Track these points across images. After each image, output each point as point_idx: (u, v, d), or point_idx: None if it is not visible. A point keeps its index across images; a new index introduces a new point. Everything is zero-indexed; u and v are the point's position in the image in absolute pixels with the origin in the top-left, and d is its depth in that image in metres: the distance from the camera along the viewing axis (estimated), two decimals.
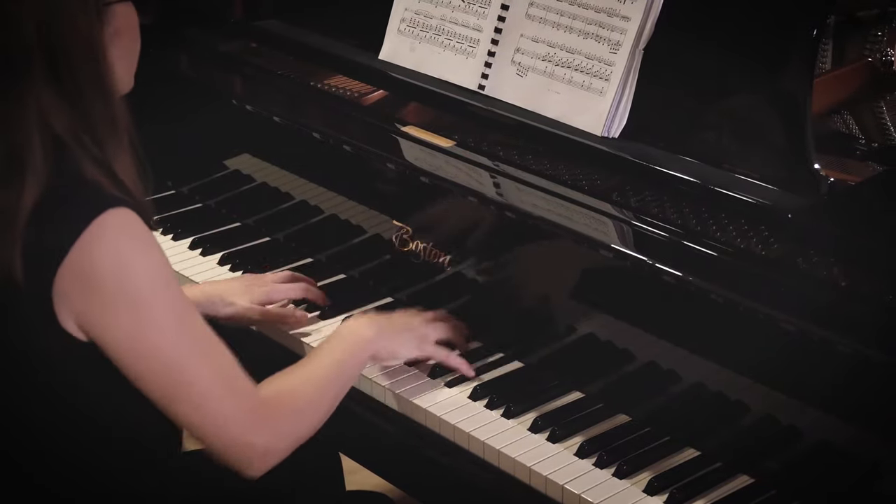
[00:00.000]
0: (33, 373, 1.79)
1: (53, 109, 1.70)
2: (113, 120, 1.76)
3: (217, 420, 1.80)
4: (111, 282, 1.71)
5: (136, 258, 1.73)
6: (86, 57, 1.72)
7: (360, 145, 2.47)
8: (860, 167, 2.26)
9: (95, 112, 1.74)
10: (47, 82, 1.70)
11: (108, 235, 1.70)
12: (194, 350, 1.78)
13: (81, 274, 1.70)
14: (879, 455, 1.82)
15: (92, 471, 1.86)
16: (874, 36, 2.34)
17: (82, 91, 1.72)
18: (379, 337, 2.10)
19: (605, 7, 2.29)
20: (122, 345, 1.74)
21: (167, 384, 1.77)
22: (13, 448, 1.84)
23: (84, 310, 1.72)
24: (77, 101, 1.72)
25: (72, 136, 1.71)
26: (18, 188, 1.68)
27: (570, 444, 2.03)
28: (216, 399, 1.80)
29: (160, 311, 1.75)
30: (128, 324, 1.73)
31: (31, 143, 1.69)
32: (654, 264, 2.02)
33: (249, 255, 2.58)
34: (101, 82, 1.74)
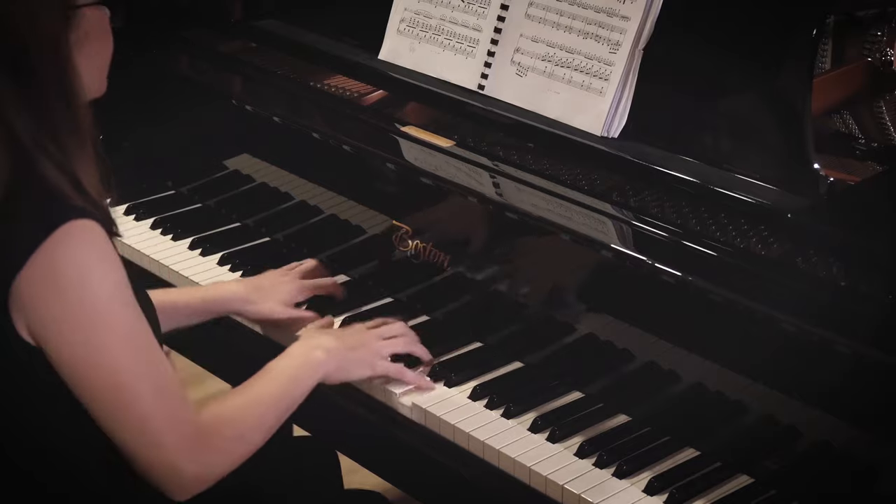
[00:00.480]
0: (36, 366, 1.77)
1: (15, 112, 1.68)
2: (76, 125, 1.73)
3: (151, 443, 1.77)
4: (68, 293, 1.69)
5: (95, 273, 1.71)
6: (49, 60, 1.69)
7: (360, 145, 2.47)
8: (860, 167, 2.26)
9: (58, 117, 1.71)
10: (9, 85, 1.67)
11: (69, 246, 1.68)
12: (141, 371, 1.75)
13: (39, 283, 1.68)
14: (879, 455, 1.82)
15: (90, 470, 1.85)
16: (873, 36, 2.34)
17: (45, 95, 1.69)
18: (330, 358, 2.06)
19: (604, 7, 2.30)
20: (71, 357, 1.72)
21: (108, 401, 1.75)
22: (13, 445, 1.84)
23: (38, 319, 1.70)
24: (39, 105, 1.69)
25: (33, 141, 1.69)
26: None
27: (570, 444, 2.03)
28: (155, 423, 1.76)
29: (113, 329, 1.73)
30: (79, 337, 1.71)
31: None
32: (654, 264, 2.02)
33: (249, 255, 2.58)
34: (65, 86, 1.71)
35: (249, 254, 2.58)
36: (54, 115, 1.70)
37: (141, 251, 2.59)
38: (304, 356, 2.04)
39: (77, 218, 1.68)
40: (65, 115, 1.71)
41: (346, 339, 2.14)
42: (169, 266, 2.55)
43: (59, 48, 1.70)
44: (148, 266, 2.57)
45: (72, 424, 1.80)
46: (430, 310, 2.35)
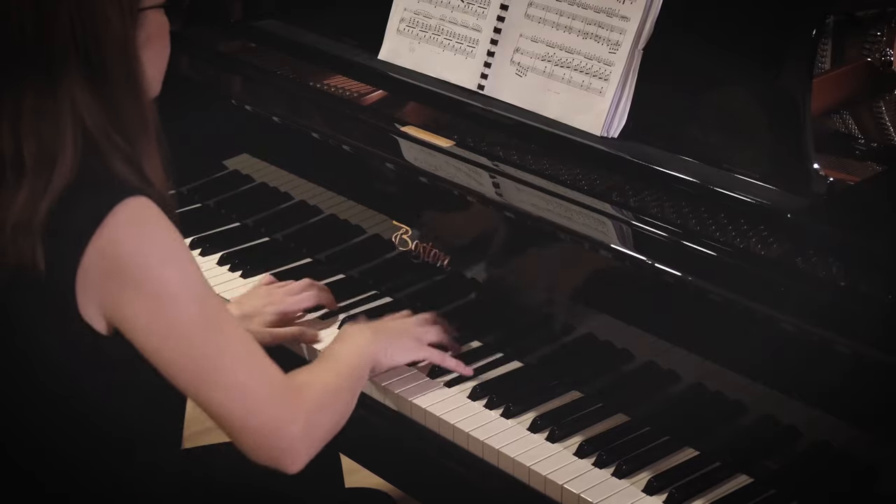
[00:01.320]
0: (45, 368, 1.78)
1: (87, 106, 1.73)
2: (144, 119, 1.78)
3: (249, 404, 1.78)
4: (134, 268, 1.72)
5: (157, 244, 1.74)
6: (120, 57, 1.74)
7: (360, 145, 2.47)
8: (859, 167, 2.26)
9: (127, 111, 1.76)
10: (82, 79, 1.72)
11: (129, 222, 1.71)
12: (223, 334, 1.78)
13: (105, 261, 1.71)
14: (878, 455, 1.82)
15: (91, 470, 1.86)
16: (873, 36, 2.34)
17: (115, 90, 1.75)
18: (377, 344, 2.11)
19: (604, 7, 2.30)
20: (148, 331, 1.74)
21: (195, 370, 1.76)
22: (14, 445, 1.84)
23: (109, 297, 1.73)
24: (110, 99, 1.74)
25: (103, 133, 1.73)
26: (46, 180, 1.70)
27: (570, 444, 2.03)
28: (247, 382, 1.78)
29: (185, 296, 1.75)
30: (152, 310, 1.73)
31: (64, 136, 1.71)
32: (654, 264, 2.02)
33: (249, 255, 2.58)
34: (134, 82, 1.77)
35: (249, 254, 2.58)
36: (124, 110, 1.76)
37: None
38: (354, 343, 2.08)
39: (134, 195, 1.72)
40: (133, 110, 1.77)
41: (389, 325, 2.19)
42: None
43: (128, 46, 1.75)
44: None
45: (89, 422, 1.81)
46: (430, 310, 2.34)
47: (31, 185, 1.70)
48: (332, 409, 1.92)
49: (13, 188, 1.71)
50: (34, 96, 1.72)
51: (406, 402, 2.15)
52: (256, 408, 1.79)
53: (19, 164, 1.71)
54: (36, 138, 1.71)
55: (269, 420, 1.80)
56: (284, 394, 1.82)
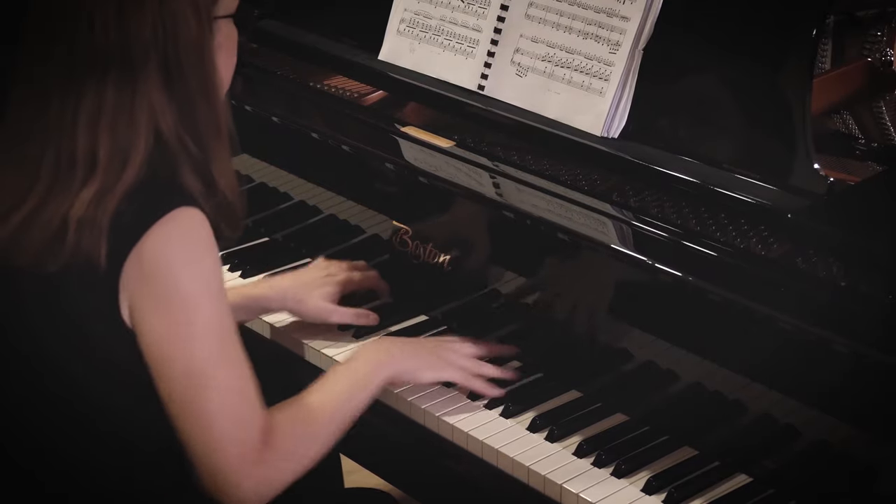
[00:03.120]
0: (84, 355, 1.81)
1: (162, 108, 1.76)
2: (217, 123, 1.82)
3: (215, 446, 1.80)
4: (165, 278, 1.75)
5: (192, 260, 1.77)
6: (197, 61, 1.78)
7: (360, 145, 2.47)
8: (860, 167, 2.26)
9: (202, 116, 1.79)
10: (160, 81, 1.76)
11: (172, 233, 1.75)
12: (223, 364, 1.79)
13: (141, 264, 1.74)
14: (877, 455, 1.82)
15: (91, 469, 1.86)
16: (873, 36, 2.34)
17: (191, 93, 1.78)
18: (397, 360, 2.08)
19: (604, 7, 2.29)
20: (158, 341, 1.77)
21: (185, 391, 1.78)
22: (13, 445, 1.85)
23: (135, 299, 1.76)
24: (185, 102, 1.78)
25: (175, 136, 1.77)
26: (116, 178, 1.74)
27: (569, 444, 2.03)
28: (222, 424, 1.80)
29: (203, 318, 1.78)
30: (169, 322, 1.76)
31: (139, 137, 1.75)
32: (654, 264, 2.02)
33: (248, 255, 2.58)
34: (209, 86, 1.81)
35: (249, 254, 2.58)
36: (198, 115, 1.79)
37: None
38: (370, 358, 2.06)
39: (185, 205, 1.75)
40: (207, 115, 1.80)
41: (419, 343, 2.18)
42: None
43: (205, 51, 1.79)
44: None
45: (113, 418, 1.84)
46: (429, 310, 2.35)
47: (101, 182, 1.74)
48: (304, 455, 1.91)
49: (79, 183, 1.74)
50: (114, 97, 1.74)
51: (405, 402, 2.15)
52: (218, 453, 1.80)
53: (91, 161, 1.74)
54: (112, 136, 1.74)
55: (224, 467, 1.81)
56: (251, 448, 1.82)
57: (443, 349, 2.16)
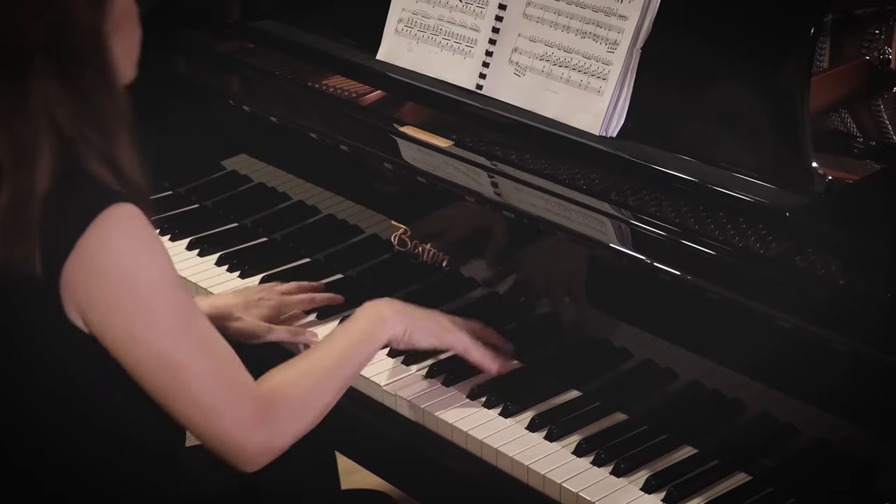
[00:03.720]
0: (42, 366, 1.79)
1: (58, 101, 1.71)
2: (116, 110, 1.77)
3: (213, 418, 1.80)
4: (114, 277, 1.73)
5: (139, 254, 1.74)
6: (90, 49, 1.73)
7: (358, 145, 2.46)
8: (858, 165, 2.26)
9: (99, 103, 1.75)
10: (52, 75, 1.71)
11: (112, 231, 1.71)
12: (193, 347, 1.79)
13: (86, 268, 1.71)
14: (876, 453, 1.82)
15: (91, 469, 1.86)
16: (871, 34, 2.34)
17: (87, 83, 1.73)
18: (398, 319, 2.08)
19: (602, 6, 2.29)
20: (122, 340, 1.75)
21: (165, 381, 1.78)
22: (13, 445, 1.84)
23: (87, 304, 1.74)
24: (82, 92, 1.73)
25: (75, 128, 1.72)
26: (29, 182, 1.70)
27: (568, 443, 2.03)
28: (213, 397, 1.80)
29: (161, 308, 1.76)
30: (128, 320, 1.74)
31: (39, 136, 1.71)
32: (653, 263, 2.02)
33: (247, 255, 2.58)
34: (105, 73, 1.75)
35: (247, 254, 2.58)
36: (95, 102, 1.74)
37: None
38: (372, 316, 2.06)
39: (117, 202, 1.72)
40: (105, 101, 1.75)
41: (419, 309, 2.15)
42: None
43: (97, 36, 1.73)
44: None
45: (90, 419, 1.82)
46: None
47: (12, 188, 1.70)
48: (308, 407, 1.92)
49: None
50: (6, 93, 1.71)
51: (405, 401, 2.15)
52: (218, 422, 1.81)
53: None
54: (9, 138, 1.70)
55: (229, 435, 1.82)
56: (249, 409, 1.82)
57: (445, 318, 2.16)
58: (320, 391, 1.94)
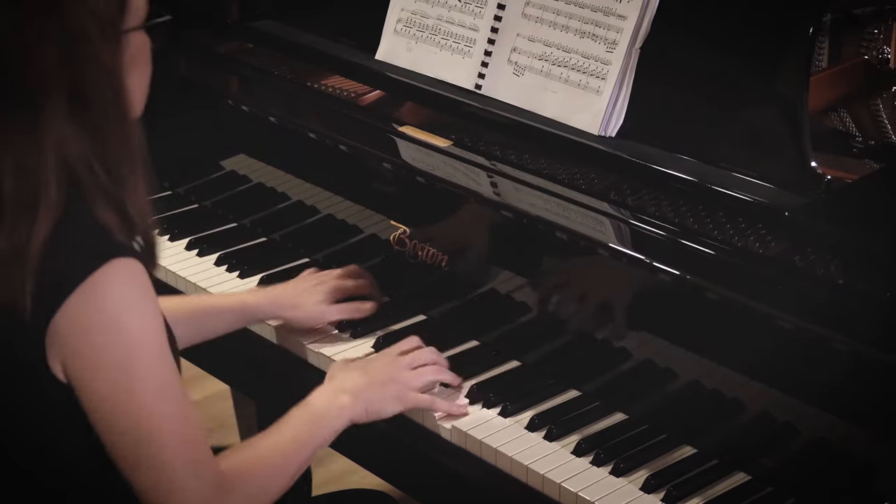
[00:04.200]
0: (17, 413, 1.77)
1: (70, 138, 1.67)
2: (128, 146, 1.73)
3: (169, 496, 1.76)
4: (104, 335, 1.69)
5: (133, 316, 1.70)
6: (106, 85, 1.69)
7: (357, 145, 2.46)
8: (857, 165, 2.26)
9: (112, 139, 1.70)
10: (66, 111, 1.67)
11: (109, 288, 1.67)
12: (167, 421, 1.74)
13: (76, 321, 1.67)
14: (875, 453, 1.82)
15: (90, 469, 1.85)
16: (870, 33, 2.34)
17: (101, 119, 1.69)
18: (357, 402, 2.04)
19: (601, 6, 2.29)
20: (99, 398, 1.71)
21: (133, 447, 1.74)
22: (14, 445, 1.84)
23: (71, 356, 1.70)
24: (96, 128, 1.69)
25: (85, 166, 1.68)
26: (31, 223, 1.66)
27: (568, 443, 2.03)
28: (177, 473, 1.75)
29: (144, 375, 1.72)
30: (110, 380, 1.70)
31: (47, 175, 1.66)
32: (652, 263, 2.02)
33: (246, 255, 2.57)
34: (120, 111, 1.71)
35: (246, 254, 2.58)
36: (109, 139, 1.70)
37: None
38: (330, 401, 2.02)
39: (120, 256, 1.68)
40: (118, 138, 1.71)
41: (374, 373, 2.10)
42: (166, 267, 2.55)
43: (114, 73, 1.69)
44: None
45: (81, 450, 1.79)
46: (427, 309, 2.35)
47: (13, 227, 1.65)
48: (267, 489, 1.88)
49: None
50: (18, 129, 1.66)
51: None
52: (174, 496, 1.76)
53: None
54: (16, 174, 1.66)
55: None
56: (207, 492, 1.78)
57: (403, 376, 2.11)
58: (277, 477, 1.90)
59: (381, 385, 2.08)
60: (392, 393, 2.08)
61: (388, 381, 2.09)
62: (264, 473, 1.89)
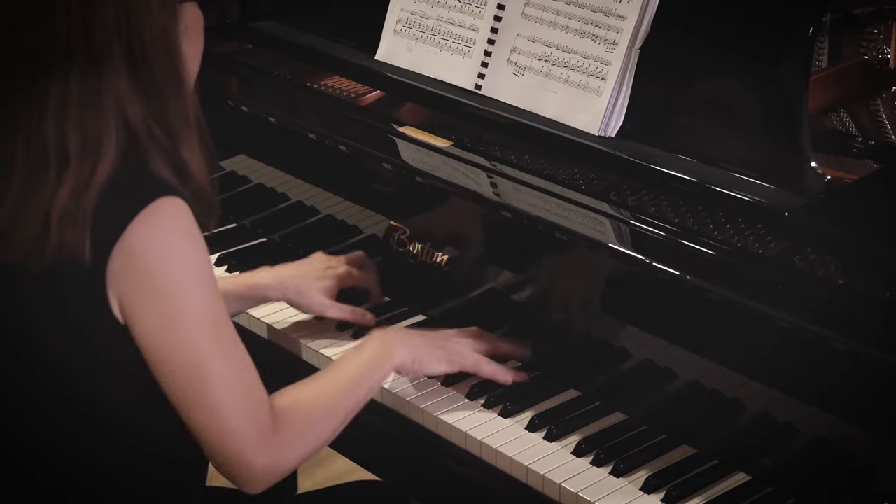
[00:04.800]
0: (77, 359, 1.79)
1: (129, 99, 1.73)
2: (185, 112, 1.79)
3: (224, 430, 1.80)
4: (154, 271, 1.73)
5: (180, 251, 1.75)
6: (162, 50, 1.75)
7: (357, 146, 2.46)
8: (857, 165, 2.26)
9: (169, 104, 1.77)
10: (126, 72, 1.73)
11: (157, 224, 1.73)
12: (220, 353, 1.78)
13: (128, 258, 1.72)
14: (875, 453, 1.82)
15: (91, 469, 1.85)
16: (870, 33, 2.34)
17: (158, 82, 1.75)
18: (405, 349, 2.08)
19: (601, 6, 2.30)
20: (152, 334, 1.76)
21: (186, 382, 1.77)
22: (14, 445, 1.84)
23: (125, 294, 1.74)
24: (152, 92, 1.75)
25: (144, 127, 1.74)
26: (90, 172, 1.71)
27: (567, 443, 2.03)
28: (229, 408, 1.79)
29: (195, 308, 1.76)
30: (161, 314, 1.75)
31: (108, 129, 1.72)
32: (652, 263, 2.02)
33: (246, 255, 2.57)
34: (176, 75, 1.77)
35: (246, 254, 2.58)
36: (166, 103, 1.76)
37: None
38: (380, 344, 2.06)
39: (166, 195, 1.73)
40: (175, 104, 1.77)
41: (428, 335, 2.16)
42: None
43: (169, 37, 1.76)
44: None
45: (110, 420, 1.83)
46: (427, 309, 2.35)
47: (75, 177, 1.71)
48: (317, 431, 1.92)
49: (56, 179, 1.71)
50: (80, 89, 1.72)
51: (404, 401, 2.15)
52: (228, 436, 1.80)
53: (63, 156, 1.71)
54: (80, 130, 1.72)
55: (237, 451, 1.81)
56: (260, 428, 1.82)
57: (452, 342, 2.15)
58: (327, 418, 1.93)
59: (433, 344, 2.13)
60: (441, 353, 2.12)
61: (436, 342, 2.14)
62: (315, 414, 1.92)
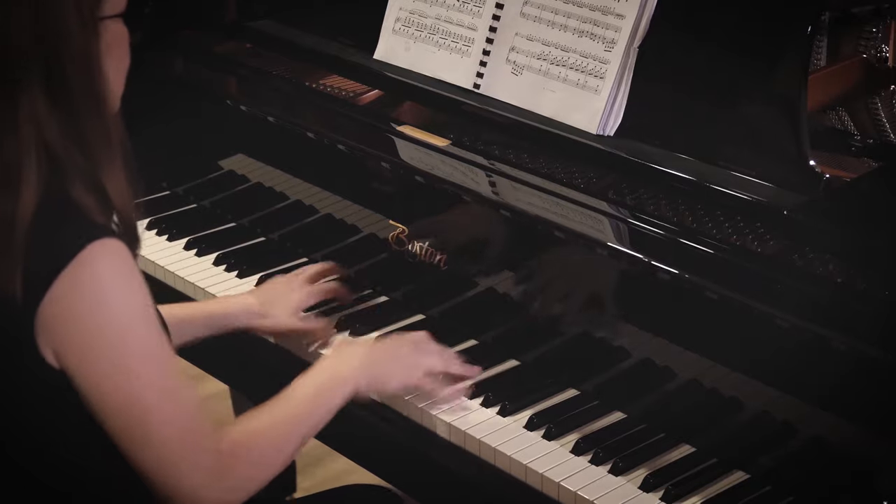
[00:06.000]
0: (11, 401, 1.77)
1: (47, 119, 1.68)
2: (106, 134, 1.73)
3: (171, 470, 1.76)
4: (90, 319, 1.69)
5: (119, 295, 1.71)
6: (81, 68, 1.69)
7: (355, 145, 2.46)
8: (855, 163, 2.26)
9: (88, 125, 1.71)
10: (43, 93, 1.68)
11: (91, 270, 1.67)
12: (163, 395, 1.74)
13: (62, 306, 1.67)
14: (874, 452, 1.82)
15: (91, 469, 1.84)
16: (868, 32, 2.34)
17: (76, 102, 1.70)
18: (360, 373, 2.03)
19: (599, 5, 2.30)
20: (95, 381, 1.71)
21: (129, 425, 1.74)
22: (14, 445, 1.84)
23: (62, 342, 1.70)
24: (71, 112, 1.69)
25: (63, 149, 1.69)
26: (14, 200, 1.66)
27: (566, 442, 2.03)
28: (175, 449, 1.75)
29: (136, 353, 1.72)
30: (101, 361, 1.70)
31: (26, 152, 1.67)
32: (651, 262, 2.02)
33: (245, 255, 2.57)
34: (96, 95, 1.72)
35: (245, 254, 2.58)
36: (85, 124, 1.70)
37: None
38: (332, 371, 2.02)
39: (101, 237, 1.68)
40: (95, 124, 1.71)
41: (382, 349, 2.12)
42: (164, 267, 2.55)
43: (89, 57, 1.70)
44: (143, 267, 2.55)
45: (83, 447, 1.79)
46: (426, 309, 2.35)
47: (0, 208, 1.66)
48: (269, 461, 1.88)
49: None
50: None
51: (402, 400, 2.14)
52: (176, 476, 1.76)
53: None
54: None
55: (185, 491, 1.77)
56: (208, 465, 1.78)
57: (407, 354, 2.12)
58: (281, 447, 1.90)
59: (388, 361, 2.09)
60: (397, 370, 2.09)
61: (395, 358, 2.10)
62: (266, 445, 1.88)
